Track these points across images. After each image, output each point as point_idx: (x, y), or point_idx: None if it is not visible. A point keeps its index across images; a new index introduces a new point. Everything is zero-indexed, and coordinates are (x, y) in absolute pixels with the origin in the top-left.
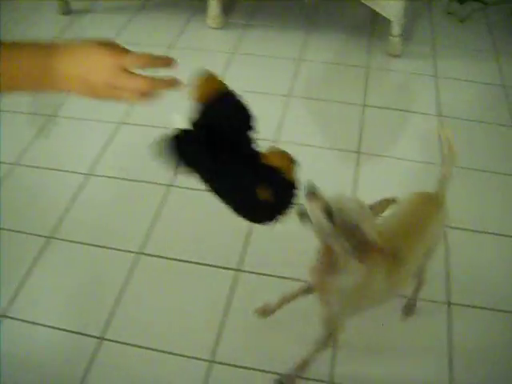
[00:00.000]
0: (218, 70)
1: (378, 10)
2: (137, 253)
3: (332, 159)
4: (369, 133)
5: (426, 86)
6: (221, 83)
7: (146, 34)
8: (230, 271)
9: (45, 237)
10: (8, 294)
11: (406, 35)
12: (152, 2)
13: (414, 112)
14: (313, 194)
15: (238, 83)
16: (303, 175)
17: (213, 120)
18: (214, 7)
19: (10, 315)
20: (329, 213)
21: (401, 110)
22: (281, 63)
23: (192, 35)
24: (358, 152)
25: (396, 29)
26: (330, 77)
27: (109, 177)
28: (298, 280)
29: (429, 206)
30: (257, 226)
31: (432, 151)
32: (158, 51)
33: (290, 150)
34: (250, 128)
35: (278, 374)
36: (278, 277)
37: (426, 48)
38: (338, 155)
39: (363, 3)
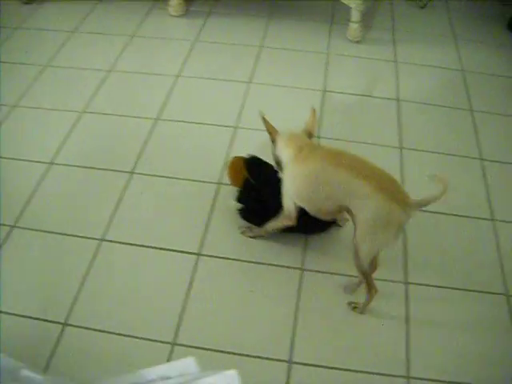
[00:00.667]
0: (179, 58)
1: None
2: (99, 239)
3: None
4: (330, 118)
5: (386, 71)
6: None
7: (109, 24)
8: (191, 255)
9: (8, 226)
10: None
11: (367, 21)
12: None
13: (373, 97)
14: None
15: (199, 70)
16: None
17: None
18: None
19: None
20: None
21: (361, 95)
22: (242, 50)
23: (154, 24)
24: (319, 137)
25: (356, 15)
26: (291, 63)
27: (71, 165)
28: (257, 263)
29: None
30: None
31: (392, 135)
32: (121, 40)
33: (251, 136)
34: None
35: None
36: (238, 260)
37: (386, 34)
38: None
39: None
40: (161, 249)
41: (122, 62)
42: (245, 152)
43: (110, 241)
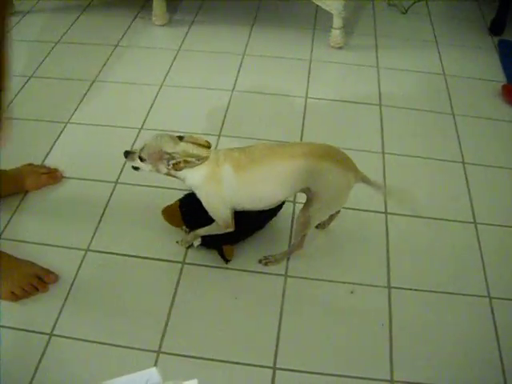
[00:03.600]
0: (163, 67)
1: (319, 3)
2: (85, 250)
3: None
4: (312, 125)
5: (368, 76)
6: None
7: (93, 33)
8: (176, 264)
9: None
10: None
11: (349, 27)
12: (97, 1)
13: (356, 102)
14: (127, 153)
15: (183, 79)
16: None
17: None
18: (158, 5)
19: None
20: (140, 157)
21: (343, 101)
22: (226, 58)
23: (138, 33)
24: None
25: (337, 22)
26: (274, 70)
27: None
28: (241, 270)
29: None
30: None
31: (375, 140)
32: (105, 50)
33: (237, 144)
34: None
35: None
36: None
37: (368, 40)
38: None
39: None
40: (145, 258)
41: (107, 72)
42: None
43: (97, 251)
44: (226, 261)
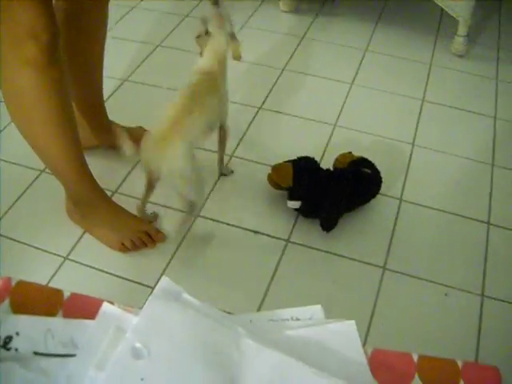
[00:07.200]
0: (286, 53)
1: (446, 8)
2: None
3: (385, 147)
4: (425, 127)
5: (486, 88)
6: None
7: None
8: (280, 241)
9: None
10: None
11: (472, 36)
12: None
13: (469, 111)
14: None
15: (304, 67)
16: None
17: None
18: None
19: None
20: None
21: (457, 109)
22: (347, 52)
23: (264, 17)
24: (412, 144)
25: (462, 29)
26: (393, 70)
27: None
28: (343, 256)
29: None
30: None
31: (484, 151)
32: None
33: (350, 137)
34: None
35: None
36: (323, 251)
37: (490, 50)
38: (392, 145)
39: (433, 1)
40: (251, 231)
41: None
42: (340, 150)
43: (204, 217)
44: (327, 228)
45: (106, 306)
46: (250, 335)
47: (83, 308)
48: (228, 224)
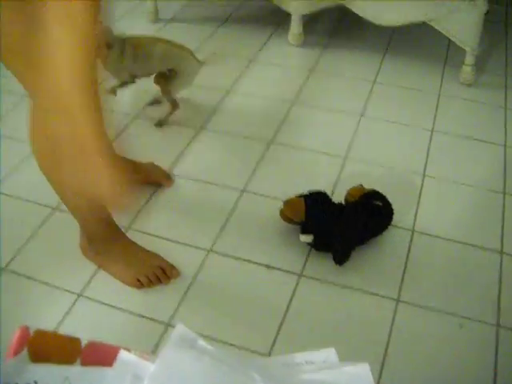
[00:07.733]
0: (295, 86)
1: (453, 39)
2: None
3: (396, 179)
4: (435, 157)
5: (495, 116)
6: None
7: (230, 46)
8: (293, 275)
9: None
10: None
11: (480, 65)
12: (236, 15)
13: (479, 140)
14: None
15: (314, 100)
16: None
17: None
18: (295, 25)
19: None
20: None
21: (467, 138)
22: (355, 83)
23: (273, 50)
24: (423, 174)
25: (470, 58)
26: (402, 100)
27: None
28: (356, 289)
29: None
30: None
31: (495, 179)
32: (241, 63)
33: (360, 169)
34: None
35: None
36: (337, 285)
37: (498, 79)
38: (403, 176)
39: (439, 31)
40: (263, 265)
41: (240, 84)
42: (351, 182)
43: (217, 252)
44: (340, 262)
45: (122, 353)
46: (265, 381)
47: (100, 356)
48: (240, 259)
